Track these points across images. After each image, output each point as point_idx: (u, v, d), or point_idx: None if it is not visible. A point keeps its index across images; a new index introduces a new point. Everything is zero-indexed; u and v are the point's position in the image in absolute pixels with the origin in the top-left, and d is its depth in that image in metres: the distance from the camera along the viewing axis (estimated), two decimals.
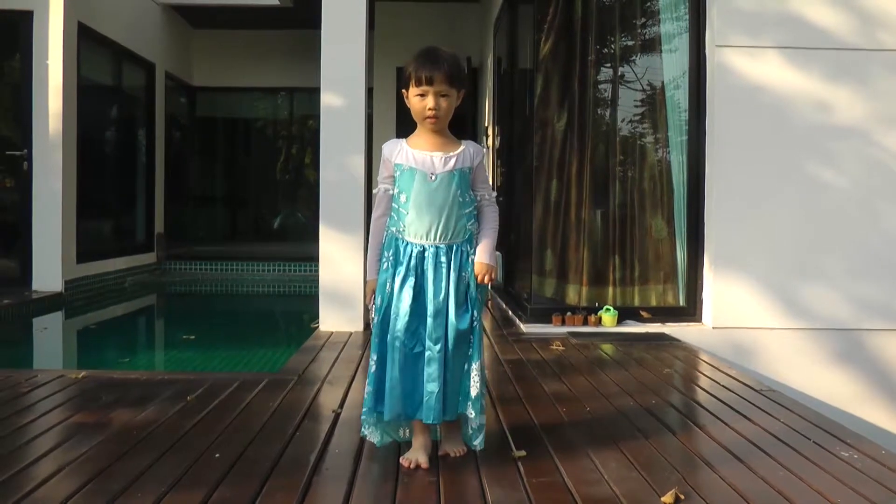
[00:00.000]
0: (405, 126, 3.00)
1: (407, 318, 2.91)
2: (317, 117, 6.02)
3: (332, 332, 5.76)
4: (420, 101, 2.94)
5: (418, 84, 2.92)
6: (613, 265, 6.24)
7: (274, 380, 4.27)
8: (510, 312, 6.79)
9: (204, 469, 2.83)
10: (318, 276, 5.95)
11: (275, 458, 2.96)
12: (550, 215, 6.36)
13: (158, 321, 9.30)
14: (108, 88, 10.37)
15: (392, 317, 2.95)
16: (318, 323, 5.92)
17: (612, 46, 6.41)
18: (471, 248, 3.01)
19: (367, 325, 5.89)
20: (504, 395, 4.03)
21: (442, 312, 2.93)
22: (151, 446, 3.08)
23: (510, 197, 7.73)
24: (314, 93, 6.01)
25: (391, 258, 2.99)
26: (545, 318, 5.99)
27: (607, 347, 5.37)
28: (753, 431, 3.43)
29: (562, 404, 3.85)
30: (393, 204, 3.03)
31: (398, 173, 3.00)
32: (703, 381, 4.51)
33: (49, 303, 8.00)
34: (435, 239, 2.95)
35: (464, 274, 2.98)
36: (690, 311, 6.01)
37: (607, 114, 6.48)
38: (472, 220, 3.04)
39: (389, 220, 3.04)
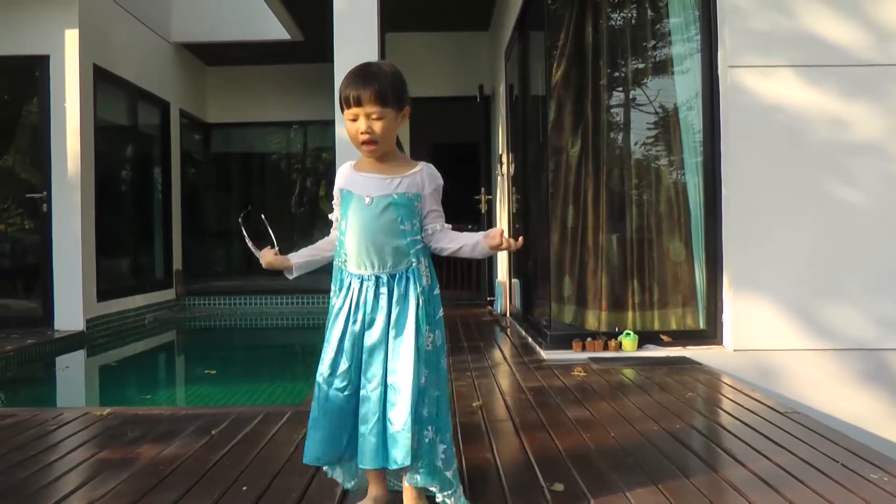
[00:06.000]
0: (416, 157, 2.92)
1: (334, 354, 2.65)
2: (330, 149, 6.06)
3: None
4: (352, 125, 2.65)
5: (347, 106, 2.63)
6: (632, 289, 6.22)
7: (297, 412, 4.27)
8: (530, 339, 6.78)
9: (231, 502, 2.84)
10: None
11: (301, 489, 2.96)
12: (567, 241, 6.37)
13: (179, 357, 9.33)
14: (124, 128, 10.47)
15: (323, 352, 2.70)
16: None
17: (625, 70, 6.44)
18: (415, 278, 2.67)
19: None
20: (527, 423, 4.02)
21: (380, 348, 2.63)
22: (178, 481, 3.09)
23: (526, 224, 7.75)
24: (327, 125, 6.07)
25: (335, 289, 2.74)
26: (565, 344, 5.99)
27: (629, 372, 5.36)
28: (780, 455, 3.40)
29: (586, 430, 3.84)
30: (337, 232, 2.79)
31: (341, 198, 2.76)
32: (727, 405, 4.48)
33: (71, 342, 8.06)
34: (374, 268, 2.65)
35: (409, 304, 2.64)
36: (711, 333, 5.98)
37: (621, 138, 6.49)
38: (417, 252, 2.69)
39: (336, 248, 2.78)
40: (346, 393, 2.63)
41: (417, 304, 2.64)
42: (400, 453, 2.52)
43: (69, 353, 7.89)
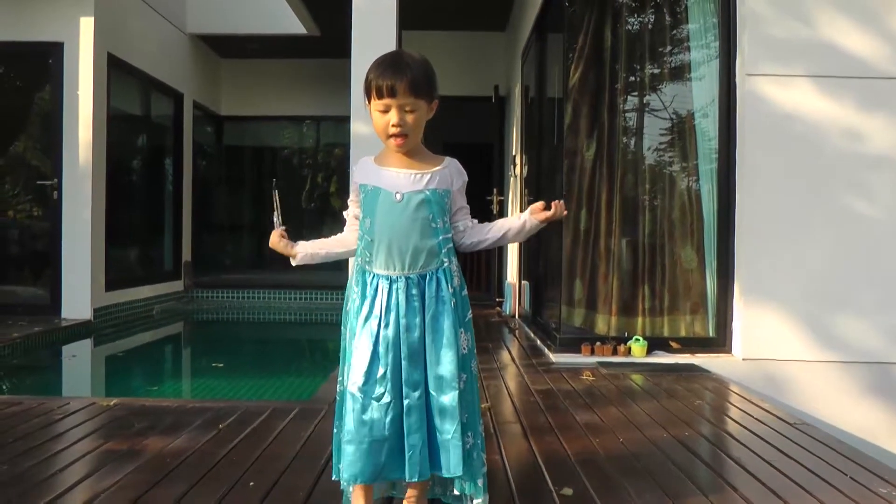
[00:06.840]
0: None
1: (369, 361, 2.46)
2: (343, 145, 6.07)
3: None
4: (382, 116, 2.50)
5: (379, 96, 2.47)
6: (643, 295, 6.20)
7: (305, 408, 4.26)
8: (539, 342, 6.77)
9: (238, 498, 2.83)
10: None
11: (309, 487, 2.95)
12: (579, 245, 6.35)
13: (186, 349, 9.33)
14: (137, 118, 10.49)
15: (352, 360, 2.52)
16: None
17: (642, 75, 6.41)
18: (447, 279, 2.55)
19: None
20: (536, 425, 4.00)
21: (419, 353, 2.49)
22: (185, 475, 3.08)
23: None
24: (340, 121, 6.07)
25: (359, 292, 2.57)
26: (574, 347, 5.96)
27: (637, 378, 5.33)
28: (789, 466, 3.38)
29: (595, 435, 3.82)
30: (360, 230, 2.63)
31: (363, 195, 2.59)
32: (735, 414, 4.45)
33: (78, 330, 8.08)
34: (404, 269, 2.51)
35: (445, 306, 2.52)
36: (720, 341, 5.95)
37: (636, 143, 6.46)
38: (448, 251, 2.58)
39: (358, 248, 2.64)
40: (383, 401, 2.44)
41: (453, 306, 2.53)
42: (453, 462, 2.44)
43: (76, 341, 7.91)
